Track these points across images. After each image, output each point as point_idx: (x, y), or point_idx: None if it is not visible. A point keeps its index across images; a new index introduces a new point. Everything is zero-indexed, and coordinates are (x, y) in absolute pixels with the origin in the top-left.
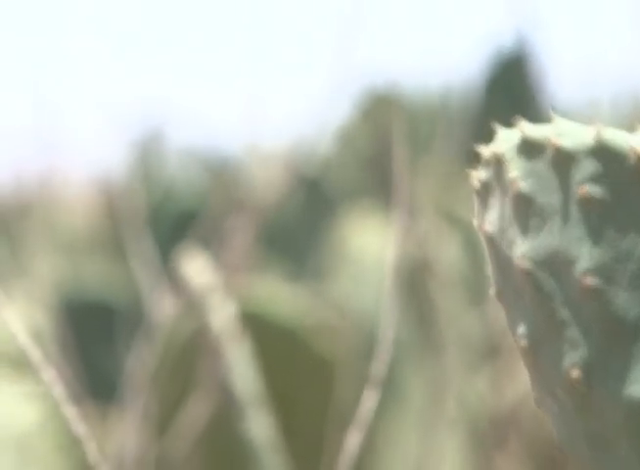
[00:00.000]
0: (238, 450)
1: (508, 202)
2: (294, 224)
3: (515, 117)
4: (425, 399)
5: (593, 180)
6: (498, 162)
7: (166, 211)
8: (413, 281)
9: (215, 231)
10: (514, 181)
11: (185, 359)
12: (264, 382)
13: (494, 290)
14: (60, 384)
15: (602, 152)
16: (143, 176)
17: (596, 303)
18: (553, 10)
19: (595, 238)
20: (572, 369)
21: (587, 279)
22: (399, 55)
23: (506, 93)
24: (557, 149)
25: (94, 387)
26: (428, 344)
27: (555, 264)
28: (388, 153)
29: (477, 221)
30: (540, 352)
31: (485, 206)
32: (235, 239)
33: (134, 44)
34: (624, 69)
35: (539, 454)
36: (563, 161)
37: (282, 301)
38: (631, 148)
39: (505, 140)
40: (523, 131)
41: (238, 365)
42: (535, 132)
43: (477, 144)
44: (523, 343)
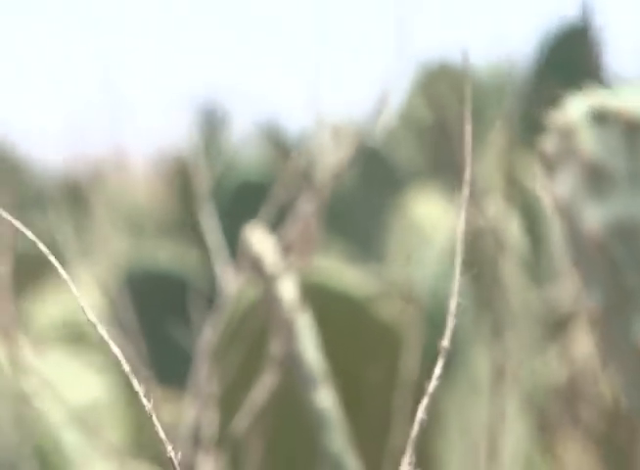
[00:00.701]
0: (304, 423)
1: (578, 171)
2: (356, 200)
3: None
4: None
5: None
6: (568, 131)
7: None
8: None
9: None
10: (585, 150)
11: (251, 332)
12: (329, 354)
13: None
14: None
15: None
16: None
17: None
18: None
19: None
20: None
21: None
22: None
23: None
24: (628, 118)
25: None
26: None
27: (625, 232)
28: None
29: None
30: (611, 320)
31: (554, 176)
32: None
33: (199, 20)
34: None
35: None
36: (634, 130)
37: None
38: None
39: (573, 110)
40: (592, 101)
41: (304, 338)
42: (605, 102)
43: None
44: (593, 311)
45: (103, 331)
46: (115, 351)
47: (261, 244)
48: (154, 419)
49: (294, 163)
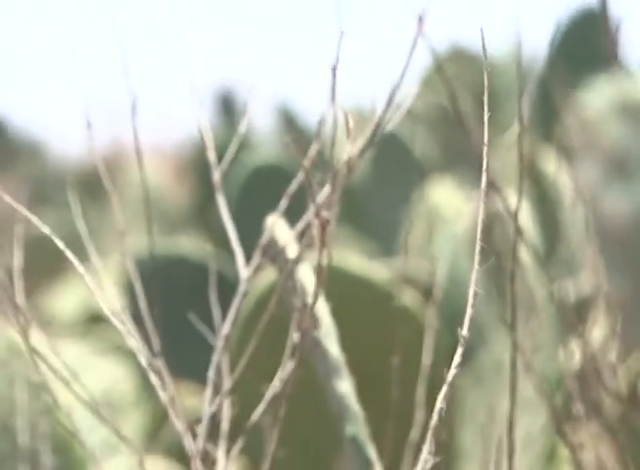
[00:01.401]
0: (324, 410)
1: (601, 160)
2: (373, 188)
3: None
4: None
5: None
6: (590, 121)
7: (246, 169)
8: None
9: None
10: (608, 140)
11: (271, 319)
12: (350, 340)
13: (587, 247)
14: (144, 348)
15: None
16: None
17: None
18: None
19: None
20: None
21: None
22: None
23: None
24: None
25: (181, 350)
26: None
27: None
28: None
29: (565, 180)
30: (634, 305)
31: (576, 165)
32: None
33: (215, 9)
34: None
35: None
36: None
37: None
38: None
39: (595, 99)
40: (613, 91)
41: (324, 325)
42: (626, 92)
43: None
44: (616, 297)
45: (119, 322)
46: (132, 343)
47: (280, 232)
48: (170, 410)
49: (311, 150)
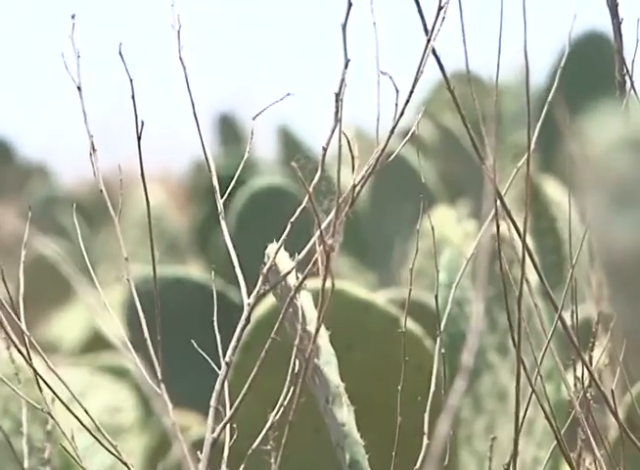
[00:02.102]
0: (324, 436)
1: (610, 192)
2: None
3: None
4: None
5: None
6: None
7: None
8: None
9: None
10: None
11: (273, 345)
12: (351, 366)
13: (593, 274)
14: (146, 372)
15: None
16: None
17: None
18: None
19: None
20: None
21: None
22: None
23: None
24: None
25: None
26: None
27: None
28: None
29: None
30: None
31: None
32: (322, 226)
33: (218, 26)
34: None
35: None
36: None
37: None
38: None
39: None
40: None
41: (324, 351)
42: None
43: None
44: (619, 325)
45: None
46: (135, 370)
47: (282, 259)
48: (172, 434)
49: (313, 174)
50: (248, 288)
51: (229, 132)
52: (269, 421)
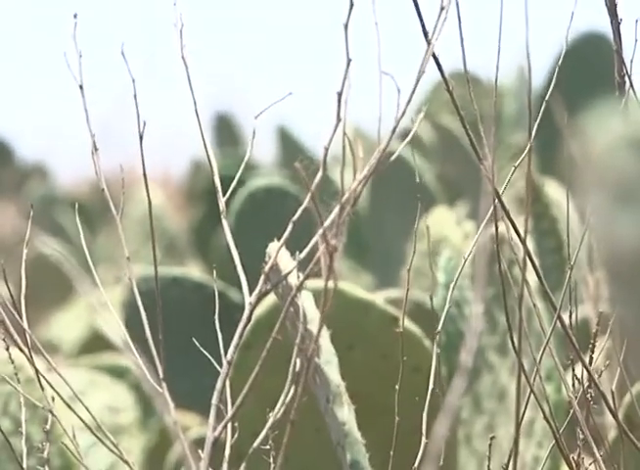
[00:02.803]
0: (324, 436)
1: (612, 192)
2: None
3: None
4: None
5: None
6: (600, 153)
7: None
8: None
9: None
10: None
11: (273, 346)
12: (352, 366)
13: (593, 275)
14: (148, 371)
15: None
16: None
17: None
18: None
19: None
20: None
21: None
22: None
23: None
24: None
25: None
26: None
27: None
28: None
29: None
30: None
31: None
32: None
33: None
34: None
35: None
36: None
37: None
38: None
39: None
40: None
41: (325, 351)
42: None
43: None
44: (619, 325)
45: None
46: (136, 370)
47: (283, 258)
48: (173, 432)
49: (314, 175)
50: (247, 288)
51: (226, 133)
52: (270, 421)
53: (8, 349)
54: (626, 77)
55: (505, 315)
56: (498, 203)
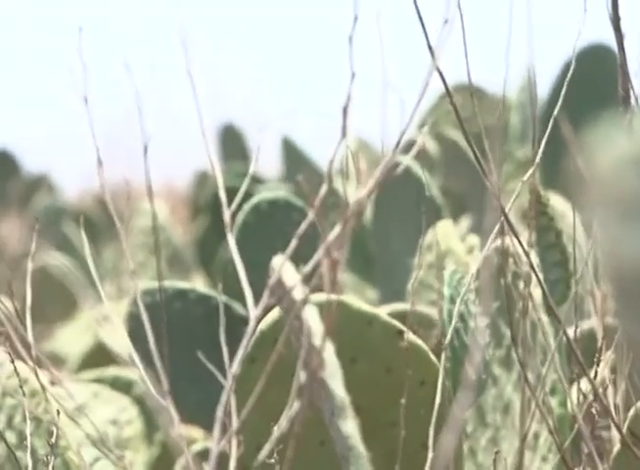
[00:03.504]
0: (330, 450)
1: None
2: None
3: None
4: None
5: None
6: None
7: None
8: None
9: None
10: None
11: (278, 359)
12: (357, 380)
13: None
14: (152, 385)
15: None
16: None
17: None
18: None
19: None
20: None
21: None
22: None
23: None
24: None
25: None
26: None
27: None
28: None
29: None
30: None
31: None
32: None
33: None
34: None
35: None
36: None
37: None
38: None
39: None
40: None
41: (330, 365)
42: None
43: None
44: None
45: (127, 360)
46: (141, 384)
47: (287, 272)
48: (177, 446)
49: (319, 188)
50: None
51: (232, 146)
52: (274, 434)
53: (13, 362)
54: (631, 92)
55: (510, 329)
56: (503, 217)
